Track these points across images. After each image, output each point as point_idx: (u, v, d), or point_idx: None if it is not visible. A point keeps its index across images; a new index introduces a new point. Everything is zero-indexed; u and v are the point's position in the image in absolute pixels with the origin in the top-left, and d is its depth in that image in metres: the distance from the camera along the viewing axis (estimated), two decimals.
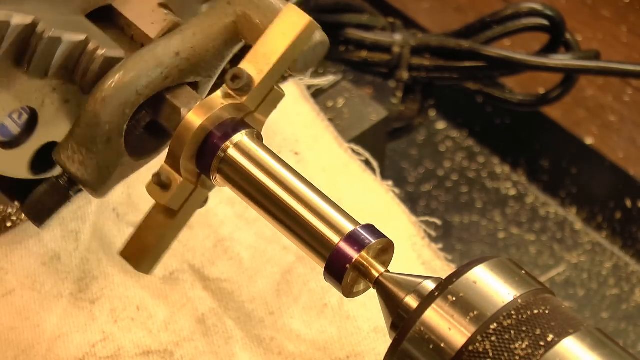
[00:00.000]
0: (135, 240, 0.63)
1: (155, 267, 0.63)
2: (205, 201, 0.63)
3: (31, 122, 0.65)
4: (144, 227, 0.62)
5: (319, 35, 0.62)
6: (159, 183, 0.60)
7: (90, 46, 0.62)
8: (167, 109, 0.62)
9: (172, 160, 0.60)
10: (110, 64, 0.62)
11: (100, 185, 0.63)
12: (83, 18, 0.64)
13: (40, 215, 0.65)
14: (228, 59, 0.65)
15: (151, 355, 0.71)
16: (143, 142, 0.64)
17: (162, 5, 0.65)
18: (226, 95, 0.60)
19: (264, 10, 0.63)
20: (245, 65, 0.60)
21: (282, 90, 0.62)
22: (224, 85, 0.60)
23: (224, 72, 0.63)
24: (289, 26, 0.60)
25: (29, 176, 0.67)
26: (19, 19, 0.59)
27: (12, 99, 0.63)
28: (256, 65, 0.60)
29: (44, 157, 0.65)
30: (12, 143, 0.66)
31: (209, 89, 0.65)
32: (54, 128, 0.65)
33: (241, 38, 0.64)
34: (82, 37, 0.62)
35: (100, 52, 0.62)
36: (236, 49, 0.65)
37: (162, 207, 0.62)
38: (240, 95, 0.60)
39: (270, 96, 0.62)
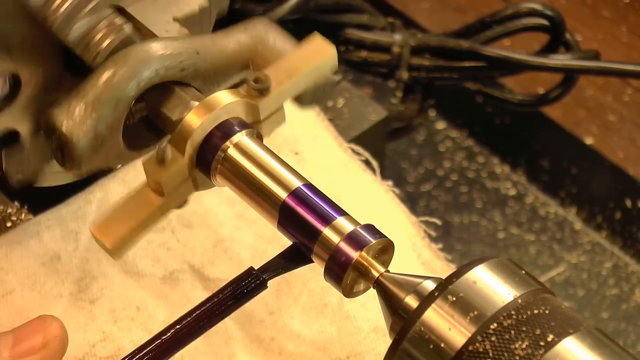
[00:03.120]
0: (111, 219, 0.60)
1: (124, 253, 0.61)
2: (185, 202, 0.63)
3: (9, 96, 0.64)
4: (124, 208, 0.60)
5: (335, 76, 0.64)
6: (161, 156, 0.60)
7: (118, 20, 0.63)
8: (173, 100, 0.62)
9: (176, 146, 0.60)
10: (129, 42, 0.63)
11: (86, 154, 0.62)
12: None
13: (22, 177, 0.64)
14: (230, 82, 0.66)
15: None
16: (133, 136, 0.64)
17: (176, 20, 0.66)
18: (244, 95, 0.61)
19: (275, 50, 0.64)
20: (267, 72, 0.61)
21: (284, 116, 0.63)
22: (244, 86, 0.61)
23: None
24: (314, 50, 0.63)
25: None
26: None
27: (10, 58, 0.63)
28: (277, 76, 0.62)
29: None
30: None
31: None
32: (21, 117, 0.64)
33: (248, 66, 0.65)
34: (110, 9, 0.63)
35: (127, 26, 0.63)
36: (238, 77, 0.66)
37: (147, 192, 0.60)
38: (258, 97, 0.61)
39: (276, 114, 0.63)
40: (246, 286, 0.58)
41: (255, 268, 0.59)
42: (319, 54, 0.63)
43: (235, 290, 0.58)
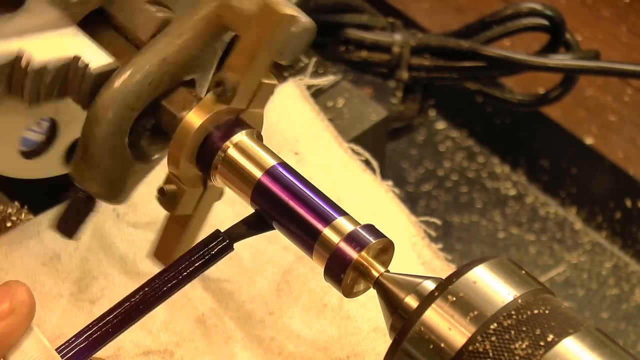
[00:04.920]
0: (162, 242, 0.64)
1: None
2: (221, 194, 0.64)
3: (53, 127, 0.65)
4: (167, 230, 0.63)
5: (303, 22, 0.61)
6: (166, 198, 0.61)
7: (80, 63, 0.62)
8: (164, 115, 0.62)
9: (174, 166, 0.60)
10: (103, 77, 0.62)
11: (116, 196, 0.63)
12: (74, 28, 0.63)
13: (73, 229, 0.65)
14: (221, 50, 0.64)
15: (151, 355, 0.71)
16: (153, 143, 0.64)
17: (150, 1, 0.64)
18: (214, 101, 0.60)
19: (244, 3, 0.62)
20: (227, 69, 0.60)
21: (274, 80, 0.62)
22: (211, 92, 0.60)
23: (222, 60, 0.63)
24: (263, 24, 0.60)
25: (68, 170, 0.67)
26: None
27: (24, 118, 0.63)
28: (237, 68, 0.60)
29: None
30: (39, 151, 0.66)
31: (208, 81, 0.65)
32: (78, 124, 0.65)
33: (228, 28, 0.63)
34: (69, 56, 0.62)
35: (90, 68, 0.62)
36: (227, 37, 0.64)
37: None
38: (226, 101, 0.60)
39: (260, 91, 0.62)
40: (213, 248, 0.60)
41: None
42: (271, 23, 0.59)
43: (203, 253, 0.59)
